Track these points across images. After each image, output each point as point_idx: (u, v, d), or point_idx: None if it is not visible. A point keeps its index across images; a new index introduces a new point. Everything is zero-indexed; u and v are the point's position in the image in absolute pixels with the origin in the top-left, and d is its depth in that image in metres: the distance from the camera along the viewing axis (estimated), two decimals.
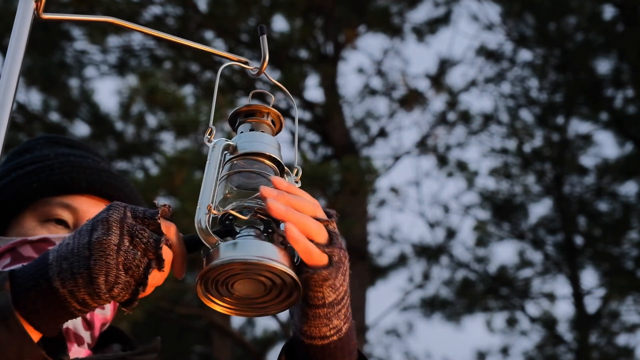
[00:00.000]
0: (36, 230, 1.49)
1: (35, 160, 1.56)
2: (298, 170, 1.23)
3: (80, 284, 1.03)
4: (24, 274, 1.06)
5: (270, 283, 1.09)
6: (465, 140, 10.68)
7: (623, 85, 10.31)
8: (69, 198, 1.51)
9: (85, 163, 1.56)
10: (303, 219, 1.08)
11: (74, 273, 1.03)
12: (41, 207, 1.51)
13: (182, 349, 11.65)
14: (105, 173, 1.56)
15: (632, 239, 10.56)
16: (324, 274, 1.09)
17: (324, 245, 1.10)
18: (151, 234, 1.06)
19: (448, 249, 10.91)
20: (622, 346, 10.78)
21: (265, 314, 1.13)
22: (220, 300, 1.11)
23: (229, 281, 1.08)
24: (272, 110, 1.22)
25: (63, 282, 1.03)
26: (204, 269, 1.06)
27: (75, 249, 1.04)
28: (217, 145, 1.16)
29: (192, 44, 1.32)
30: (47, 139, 1.65)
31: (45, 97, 8.98)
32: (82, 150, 1.62)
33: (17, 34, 1.17)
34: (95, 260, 1.02)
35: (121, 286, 1.03)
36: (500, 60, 10.72)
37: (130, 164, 9.18)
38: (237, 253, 1.05)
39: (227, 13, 8.65)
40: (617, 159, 10.60)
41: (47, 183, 1.52)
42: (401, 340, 11.58)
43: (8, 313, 1.03)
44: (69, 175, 1.52)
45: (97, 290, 1.03)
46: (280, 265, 1.06)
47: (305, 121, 9.66)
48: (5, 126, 1.12)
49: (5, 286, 1.04)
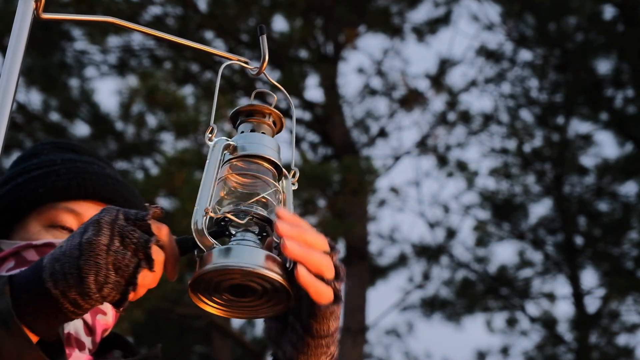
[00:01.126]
0: (41, 234, 1.49)
1: (42, 165, 1.56)
2: (295, 172, 1.22)
3: (71, 284, 1.03)
4: (20, 278, 1.07)
5: (262, 288, 1.09)
6: (465, 140, 10.68)
7: (623, 85, 10.31)
8: (74, 204, 1.51)
9: (91, 169, 1.56)
10: (318, 258, 1.10)
11: (65, 273, 1.04)
12: (46, 212, 1.51)
13: (182, 349, 11.65)
14: (111, 180, 1.56)
15: (632, 239, 10.56)
16: (332, 309, 1.13)
17: (332, 281, 1.13)
18: (142, 235, 1.06)
19: (448, 249, 10.91)
20: (622, 346, 10.78)
21: (256, 316, 1.14)
22: (211, 302, 1.11)
23: (221, 284, 1.09)
24: (274, 111, 1.21)
25: (55, 283, 1.04)
26: (197, 272, 1.07)
27: (67, 251, 1.06)
28: (218, 145, 1.16)
29: (192, 44, 1.32)
30: (54, 144, 1.65)
31: (45, 97, 8.98)
32: (88, 157, 1.62)
33: (17, 34, 1.17)
34: (85, 260, 1.03)
35: (111, 286, 1.04)
36: (500, 60, 10.72)
37: (130, 164, 9.18)
38: (231, 260, 1.06)
39: (227, 13, 8.65)
40: (617, 159, 10.60)
41: (52, 188, 1.52)
42: (401, 340, 11.59)
43: (8, 317, 1.03)
44: (75, 180, 1.53)
45: (87, 290, 1.03)
46: (272, 274, 1.06)
47: (305, 121, 9.66)
48: (5, 126, 1.12)
49: (5, 290, 1.05)
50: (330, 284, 1.12)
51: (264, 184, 1.15)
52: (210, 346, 10.82)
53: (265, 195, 1.15)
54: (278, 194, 1.17)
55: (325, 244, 1.13)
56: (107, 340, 1.50)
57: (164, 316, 8.83)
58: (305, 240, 1.09)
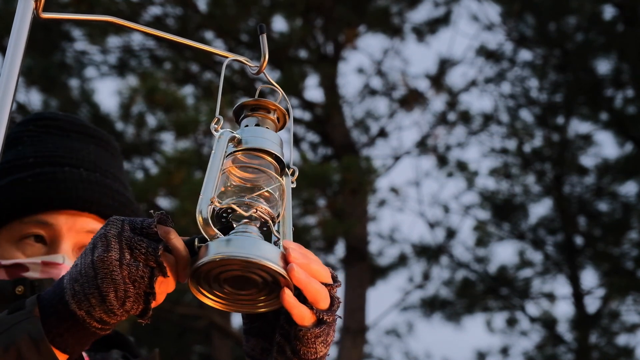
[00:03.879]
0: (11, 251, 1.48)
1: (13, 166, 1.53)
2: (295, 171, 1.23)
3: (94, 304, 1.05)
4: (46, 300, 1.08)
5: (262, 281, 1.09)
6: (465, 140, 10.69)
7: (623, 85, 10.31)
8: (43, 215, 1.49)
9: (60, 175, 1.52)
10: (316, 287, 1.12)
11: (86, 294, 1.05)
12: (16, 226, 1.49)
13: (182, 349, 11.65)
14: (82, 185, 1.52)
15: (632, 239, 10.56)
16: (315, 332, 1.13)
17: (323, 311, 1.13)
18: (150, 243, 1.07)
19: (448, 249, 10.92)
20: (622, 346, 10.78)
21: (255, 310, 1.13)
22: (211, 294, 1.11)
23: (221, 276, 1.09)
24: (279, 108, 1.22)
25: (79, 304, 1.05)
26: (199, 262, 1.07)
27: (82, 270, 1.06)
28: (223, 136, 1.16)
29: (193, 43, 1.32)
30: (38, 122, 1.61)
31: (45, 97, 8.98)
32: (73, 139, 1.58)
33: (16, 34, 1.17)
34: (102, 279, 1.04)
35: (132, 299, 1.05)
36: (500, 60, 10.73)
37: (131, 164, 9.18)
38: (232, 250, 1.06)
39: (227, 13, 8.65)
40: (617, 159, 10.60)
41: (19, 202, 1.50)
42: (401, 340, 11.59)
43: (40, 339, 1.05)
44: (42, 192, 1.50)
45: (111, 307, 1.05)
46: (273, 265, 1.07)
47: (305, 121, 9.66)
48: (5, 126, 1.12)
49: (35, 312, 1.07)
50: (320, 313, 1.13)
51: (267, 178, 1.16)
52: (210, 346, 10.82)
53: (269, 190, 1.15)
54: (281, 189, 1.18)
55: (328, 275, 1.14)
56: (107, 338, 1.50)
57: (164, 316, 8.82)
58: (310, 269, 1.11)
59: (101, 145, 1.61)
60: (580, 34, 10.33)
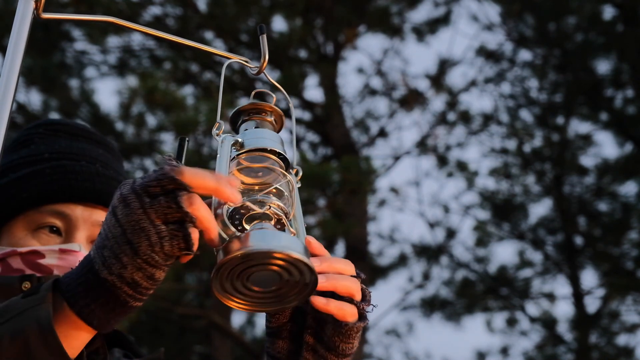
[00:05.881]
0: (27, 240, 1.49)
1: (28, 161, 1.55)
2: (298, 171, 1.23)
3: (126, 262, 0.99)
4: (72, 275, 1.05)
5: (286, 273, 1.06)
6: (465, 140, 10.69)
7: (623, 85, 10.31)
8: (60, 206, 1.51)
9: (78, 168, 1.54)
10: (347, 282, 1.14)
11: (116, 254, 1.00)
12: (32, 215, 1.50)
13: (182, 349, 11.64)
14: (99, 178, 1.54)
15: (632, 239, 10.55)
16: (359, 326, 1.16)
17: (364, 305, 1.17)
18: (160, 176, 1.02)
19: (448, 249, 10.92)
20: (622, 346, 10.78)
21: (282, 307, 1.11)
22: (236, 297, 1.08)
23: (244, 273, 1.06)
24: (275, 109, 1.22)
25: (110, 269, 1.00)
26: (225, 258, 1.03)
27: (108, 234, 1.02)
28: (226, 140, 1.16)
29: (192, 43, 1.32)
30: (48, 127, 1.63)
31: (45, 98, 8.98)
32: (82, 142, 1.60)
33: (16, 34, 1.17)
34: (132, 232, 1.00)
35: (167, 237, 1.00)
36: (500, 60, 10.73)
37: (131, 164, 9.17)
38: (253, 243, 1.03)
39: (227, 13, 8.65)
40: (617, 159, 10.60)
41: (37, 192, 1.51)
42: (401, 340, 11.59)
43: (48, 328, 1.01)
44: (59, 183, 1.52)
45: (145, 257, 0.99)
46: (296, 253, 1.04)
47: (305, 121, 9.66)
48: (5, 126, 1.12)
49: (48, 298, 1.03)
50: (358, 305, 1.16)
51: (276, 176, 1.16)
52: (210, 346, 10.82)
53: (278, 187, 1.15)
54: (290, 186, 1.18)
55: (352, 269, 1.17)
56: (107, 337, 1.49)
57: (164, 316, 8.83)
58: (334, 268, 1.14)
59: (108, 150, 1.65)
60: (580, 34, 10.33)
